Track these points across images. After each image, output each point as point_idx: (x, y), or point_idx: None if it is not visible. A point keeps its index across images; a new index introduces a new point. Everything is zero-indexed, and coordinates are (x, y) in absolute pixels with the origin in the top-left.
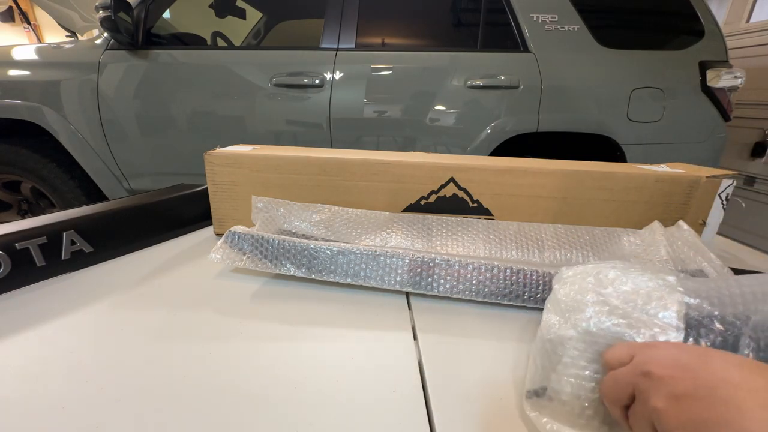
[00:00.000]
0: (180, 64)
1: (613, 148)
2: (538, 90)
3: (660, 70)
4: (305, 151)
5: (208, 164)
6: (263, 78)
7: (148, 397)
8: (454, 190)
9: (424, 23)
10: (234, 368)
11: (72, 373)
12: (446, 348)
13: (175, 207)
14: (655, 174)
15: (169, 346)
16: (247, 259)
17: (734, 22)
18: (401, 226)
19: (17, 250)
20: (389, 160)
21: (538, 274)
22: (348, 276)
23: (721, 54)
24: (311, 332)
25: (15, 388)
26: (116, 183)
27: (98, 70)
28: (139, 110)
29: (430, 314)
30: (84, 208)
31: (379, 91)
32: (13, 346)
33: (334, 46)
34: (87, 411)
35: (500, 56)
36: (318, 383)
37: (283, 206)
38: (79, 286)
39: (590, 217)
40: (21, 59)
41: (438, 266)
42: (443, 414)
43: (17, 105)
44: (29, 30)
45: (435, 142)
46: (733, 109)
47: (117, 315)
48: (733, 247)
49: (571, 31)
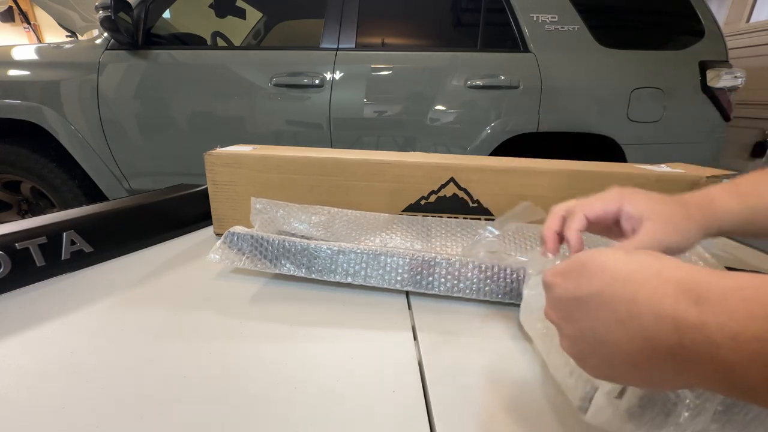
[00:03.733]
0: (180, 64)
1: (613, 148)
2: (538, 90)
3: (660, 70)
4: (305, 151)
5: (208, 164)
6: (263, 78)
7: (148, 397)
8: (454, 190)
9: (424, 23)
10: (234, 368)
11: (72, 373)
12: (446, 348)
13: (175, 207)
14: (655, 174)
15: (169, 346)
16: (247, 260)
17: (734, 22)
18: (400, 228)
19: (17, 250)
20: (389, 160)
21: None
22: (348, 275)
23: (721, 54)
24: (311, 332)
25: (15, 388)
26: (116, 183)
27: (98, 70)
28: (139, 110)
29: (430, 314)
30: (84, 208)
31: (379, 91)
32: (13, 346)
33: (334, 46)
34: (87, 411)
35: (500, 56)
36: (318, 383)
37: (283, 208)
38: (79, 286)
39: None
40: (21, 59)
41: (438, 265)
42: (443, 414)
43: (17, 105)
44: (29, 30)
45: (435, 142)
46: (733, 109)
47: (117, 315)
48: (733, 247)
49: (571, 31)
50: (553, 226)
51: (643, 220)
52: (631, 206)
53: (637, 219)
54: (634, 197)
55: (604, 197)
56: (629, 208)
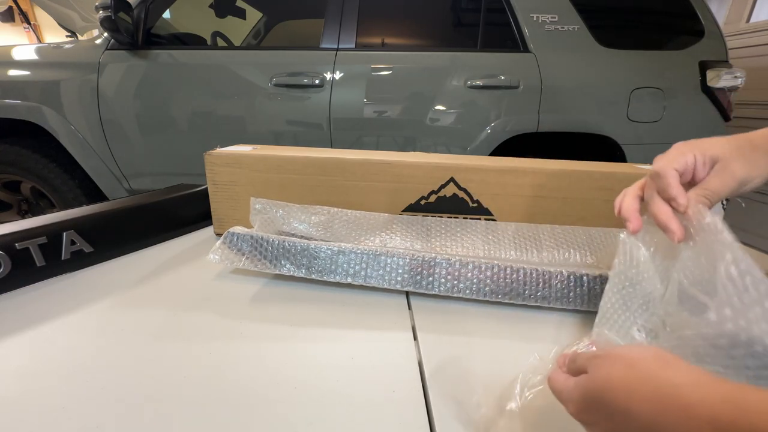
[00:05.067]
0: (180, 64)
1: (613, 148)
2: (538, 90)
3: (660, 70)
4: (305, 151)
5: (208, 164)
6: (263, 78)
7: (149, 397)
8: (454, 190)
9: (424, 23)
10: (234, 368)
11: (72, 373)
12: (446, 348)
13: (175, 207)
14: None
15: (169, 346)
16: (246, 260)
17: (734, 22)
18: (400, 228)
19: (17, 250)
20: (389, 160)
21: (537, 273)
22: (348, 276)
23: (721, 54)
24: (311, 332)
25: (15, 388)
26: (116, 183)
27: (98, 70)
28: (139, 110)
29: (430, 314)
30: (84, 208)
31: (379, 91)
32: (13, 346)
33: (334, 46)
34: (87, 411)
35: (500, 56)
36: (318, 383)
37: (282, 208)
38: (79, 286)
39: (590, 218)
40: (21, 59)
41: (438, 265)
42: (443, 414)
43: (17, 105)
44: (29, 30)
45: (435, 142)
46: (733, 109)
47: (117, 315)
48: None
49: (571, 31)
50: (634, 205)
51: (715, 162)
52: (701, 153)
53: (710, 164)
54: (700, 144)
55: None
56: (701, 156)
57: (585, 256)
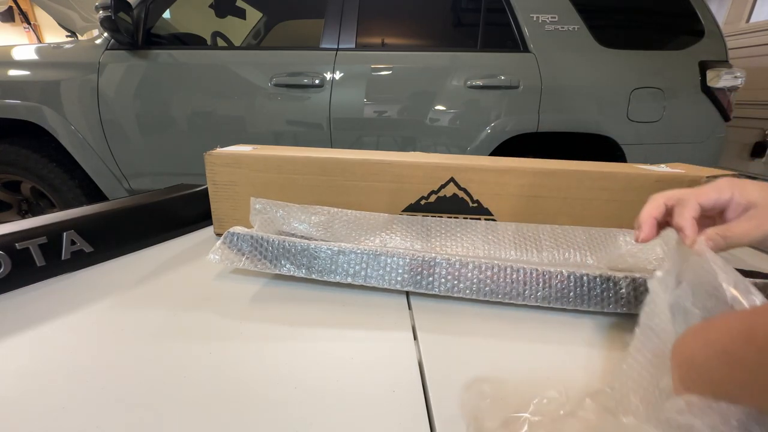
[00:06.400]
0: (180, 64)
1: (613, 148)
2: (538, 90)
3: (660, 70)
4: (305, 151)
5: (208, 164)
6: (263, 78)
7: (148, 397)
8: (454, 190)
9: (424, 23)
10: (234, 368)
11: (72, 373)
12: (446, 348)
13: (175, 207)
14: (655, 174)
15: (169, 346)
16: (246, 260)
17: (734, 22)
18: (400, 228)
19: (17, 250)
20: (389, 160)
21: (538, 273)
22: (348, 276)
23: (721, 54)
24: (311, 332)
25: (15, 388)
26: (116, 183)
27: (98, 70)
28: (139, 110)
29: (430, 314)
30: (84, 208)
31: (379, 91)
32: (14, 346)
33: (334, 46)
34: (87, 411)
35: (500, 56)
36: (318, 383)
37: (282, 208)
38: (79, 286)
39: (590, 217)
40: (21, 59)
41: (438, 265)
42: (443, 414)
43: (17, 105)
44: (29, 30)
45: (435, 142)
46: (733, 109)
47: (117, 315)
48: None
49: (571, 31)
50: (654, 212)
51: (749, 208)
52: (741, 194)
53: (744, 207)
54: (744, 185)
55: (717, 185)
56: (739, 197)
57: (585, 256)
